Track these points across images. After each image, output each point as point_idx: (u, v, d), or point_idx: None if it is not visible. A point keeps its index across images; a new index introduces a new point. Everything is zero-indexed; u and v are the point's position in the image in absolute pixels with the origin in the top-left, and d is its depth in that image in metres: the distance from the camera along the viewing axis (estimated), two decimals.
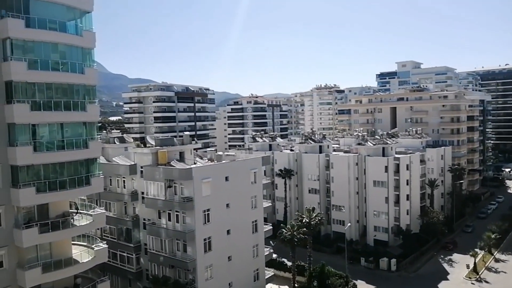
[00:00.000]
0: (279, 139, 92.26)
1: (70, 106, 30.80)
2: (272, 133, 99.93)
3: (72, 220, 32.35)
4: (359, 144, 74.35)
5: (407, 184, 71.85)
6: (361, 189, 72.96)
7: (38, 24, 28.91)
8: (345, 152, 79.06)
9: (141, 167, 45.36)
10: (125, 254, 48.21)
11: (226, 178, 44.24)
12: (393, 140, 75.32)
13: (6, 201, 28.62)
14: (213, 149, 71.63)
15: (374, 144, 72.15)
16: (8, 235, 28.80)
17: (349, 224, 68.42)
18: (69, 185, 30.76)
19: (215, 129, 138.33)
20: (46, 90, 29.57)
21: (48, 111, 29.54)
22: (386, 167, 68.98)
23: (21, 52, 28.41)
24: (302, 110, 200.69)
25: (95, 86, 33.29)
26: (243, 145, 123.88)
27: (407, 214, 71.65)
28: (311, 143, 79.31)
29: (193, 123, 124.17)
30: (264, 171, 58.86)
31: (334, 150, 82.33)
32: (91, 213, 34.10)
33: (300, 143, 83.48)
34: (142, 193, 45.56)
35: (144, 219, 46.01)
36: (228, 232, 44.29)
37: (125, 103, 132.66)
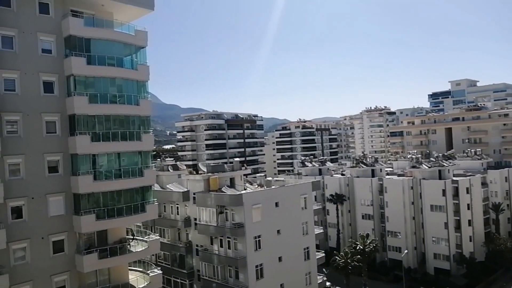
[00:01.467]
0: (329, 164, 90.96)
1: (127, 136, 32.36)
2: (321, 157, 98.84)
3: (129, 246, 33.44)
4: (413, 167, 71.56)
5: (468, 208, 67.66)
6: (418, 214, 69.69)
7: (98, 61, 30.97)
8: (399, 175, 76.31)
9: (194, 194, 46.34)
10: (178, 280, 48.85)
11: (276, 204, 44.03)
12: (450, 162, 71.79)
13: (69, 228, 30.18)
14: (263, 174, 71.89)
15: (429, 167, 69.12)
16: (70, 261, 30.20)
17: (406, 251, 65.19)
18: (126, 212, 31.98)
19: (264, 154, 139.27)
20: (104, 121, 31.32)
21: (106, 141, 31.16)
22: (444, 191, 65.60)
23: (83, 87, 30.50)
24: (352, 133, 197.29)
25: (149, 117, 34.83)
26: (292, 170, 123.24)
27: (470, 240, 67.14)
28: (362, 166, 77.43)
29: (242, 149, 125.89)
30: (315, 196, 58.09)
31: (387, 174, 79.75)
32: (146, 239, 35.10)
33: (351, 167, 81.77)
34: (195, 219, 46.36)
35: (197, 245, 46.61)
36: (279, 259, 43.70)
37: (178, 131, 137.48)
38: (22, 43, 28.46)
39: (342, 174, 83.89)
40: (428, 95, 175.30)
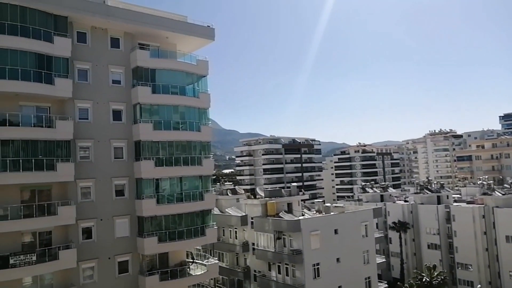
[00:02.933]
0: (391, 189, 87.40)
1: (188, 161, 33.52)
2: (383, 183, 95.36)
3: (188, 269, 34.03)
4: (485, 193, 66.66)
5: None
6: (491, 245, 64.32)
7: (162, 90, 32.72)
8: (468, 203, 71.32)
9: (252, 218, 46.47)
10: None
11: (336, 231, 42.86)
12: None
13: (133, 249, 31.42)
14: (321, 200, 70.71)
15: (503, 194, 64.06)
16: (133, 281, 31.26)
17: (479, 286, 60.10)
18: (186, 235, 32.74)
19: (322, 179, 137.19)
20: (168, 147, 32.73)
21: (169, 166, 32.48)
22: None
23: (148, 115, 32.26)
24: (415, 157, 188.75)
25: (210, 142, 35.93)
26: (352, 196, 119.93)
27: None
28: (427, 193, 73.49)
29: (300, 174, 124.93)
30: (376, 223, 55.88)
31: (455, 201, 74.88)
32: (205, 263, 35.55)
33: (415, 193, 77.88)
34: (253, 244, 46.30)
35: (255, 271, 46.33)
36: None
37: (236, 156, 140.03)
38: (95, 75, 30.84)
39: (405, 201, 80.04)
40: (500, 116, 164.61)
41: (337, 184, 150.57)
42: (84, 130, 29.76)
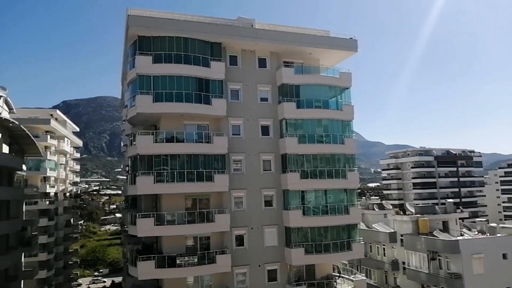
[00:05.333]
0: None
1: (333, 174, 33.54)
2: None
3: (335, 283, 33.66)
4: None
5: None
6: None
7: (306, 104, 33.64)
8: None
9: (401, 235, 43.75)
10: None
11: (504, 256, 37.43)
12: None
13: (281, 259, 32.55)
14: (484, 219, 62.34)
15: None
16: None
17: None
18: (332, 249, 32.58)
19: (484, 196, 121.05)
20: (312, 160, 33.33)
21: (314, 179, 33.00)
22: None
23: (293, 129, 33.43)
24: None
25: (354, 155, 35.36)
26: None
27: None
28: None
29: (456, 189, 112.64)
30: None
31: None
32: (352, 278, 34.72)
33: None
34: (403, 262, 43.45)
35: None
36: None
37: (382, 169, 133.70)
38: (245, 94, 33.39)
39: None
40: None
41: (503, 202, 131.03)
42: (236, 145, 32.33)
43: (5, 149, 35.78)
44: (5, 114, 36.16)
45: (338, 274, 35.23)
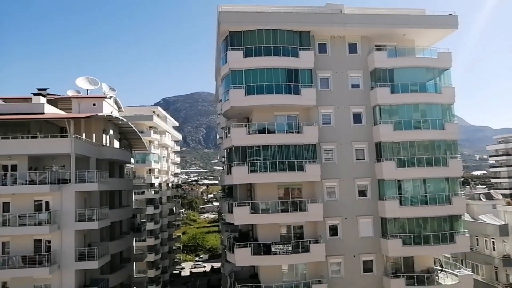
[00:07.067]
0: None
1: (432, 162, 31.58)
2: None
3: (437, 277, 31.84)
4: None
5: None
6: None
7: (401, 89, 32.02)
8: None
9: None
10: None
11: None
12: None
13: (377, 250, 31.62)
14: None
15: None
16: (378, 282, 31.40)
17: None
18: (432, 241, 30.85)
19: None
20: (409, 148, 31.71)
21: (411, 167, 31.39)
22: None
23: (387, 116, 32.03)
24: None
25: (456, 141, 32.90)
26: None
27: None
28: None
29: None
30: None
31: None
32: (456, 273, 32.46)
33: None
34: None
35: None
36: None
37: (490, 156, 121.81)
38: (336, 82, 32.75)
39: None
40: None
41: None
42: (327, 134, 31.95)
43: (116, 144, 39.84)
44: (115, 113, 40.16)
45: (440, 268, 33.21)
